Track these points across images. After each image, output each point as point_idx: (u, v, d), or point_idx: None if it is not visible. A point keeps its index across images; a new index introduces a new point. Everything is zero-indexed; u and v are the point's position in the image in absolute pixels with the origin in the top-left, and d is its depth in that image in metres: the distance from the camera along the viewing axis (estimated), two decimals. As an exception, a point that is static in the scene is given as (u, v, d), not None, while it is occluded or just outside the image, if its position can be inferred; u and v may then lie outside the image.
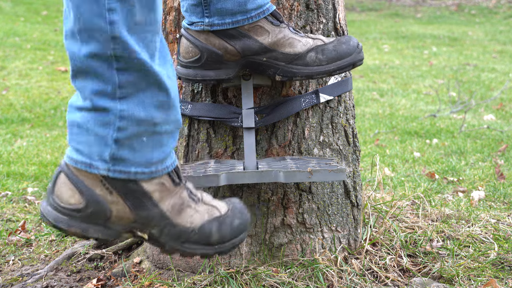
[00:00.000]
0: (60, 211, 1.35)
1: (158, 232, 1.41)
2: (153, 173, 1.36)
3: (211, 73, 1.67)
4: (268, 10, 1.66)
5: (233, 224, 1.46)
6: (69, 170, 1.34)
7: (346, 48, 1.68)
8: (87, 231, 1.36)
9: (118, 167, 1.32)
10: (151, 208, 1.38)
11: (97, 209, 1.35)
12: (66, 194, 1.35)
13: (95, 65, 1.28)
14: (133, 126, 1.31)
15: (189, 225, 1.42)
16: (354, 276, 1.80)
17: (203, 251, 1.44)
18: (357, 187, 1.93)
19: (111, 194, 1.35)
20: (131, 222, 1.39)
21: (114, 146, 1.31)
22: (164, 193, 1.39)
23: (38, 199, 3.04)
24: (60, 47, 8.76)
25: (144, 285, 1.82)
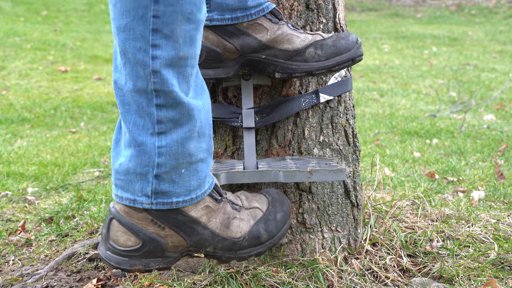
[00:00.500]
0: (120, 254, 1.44)
1: (212, 249, 1.50)
2: (193, 199, 1.43)
3: (210, 72, 1.66)
4: (268, 8, 1.66)
5: (277, 218, 1.57)
6: (120, 215, 1.42)
7: (345, 43, 1.67)
8: (148, 265, 1.45)
9: (160, 199, 1.39)
10: (202, 232, 1.47)
11: (154, 246, 1.44)
12: (122, 238, 1.43)
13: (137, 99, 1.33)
14: (171, 161, 1.37)
15: (239, 235, 1.52)
16: (354, 276, 1.80)
17: (256, 251, 1.55)
18: (357, 187, 1.93)
19: (164, 230, 1.43)
20: (186, 247, 1.47)
21: (155, 181, 1.38)
22: (210, 214, 1.48)
23: (38, 199, 3.05)
24: (60, 47, 8.76)
25: (144, 285, 1.82)
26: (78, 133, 4.90)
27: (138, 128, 1.35)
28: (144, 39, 1.29)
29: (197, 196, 1.44)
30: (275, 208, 1.60)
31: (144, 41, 1.29)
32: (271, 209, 1.59)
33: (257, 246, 1.55)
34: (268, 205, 1.60)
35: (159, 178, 1.37)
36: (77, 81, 6.93)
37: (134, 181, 1.39)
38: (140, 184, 1.38)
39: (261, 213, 1.58)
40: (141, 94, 1.32)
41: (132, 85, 1.32)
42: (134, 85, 1.32)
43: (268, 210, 1.59)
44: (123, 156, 1.39)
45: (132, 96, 1.33)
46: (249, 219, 1.55)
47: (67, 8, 12.62)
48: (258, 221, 1.56)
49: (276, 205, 1.60)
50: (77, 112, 5.63)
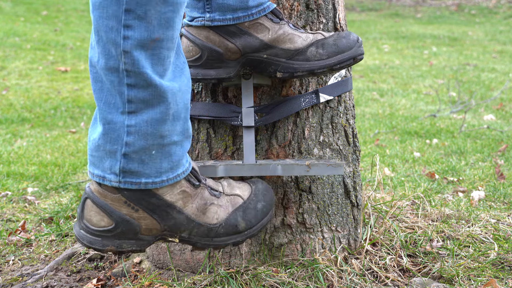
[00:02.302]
0: (93, 234, 1.43)
1: (187, 234, 1.48)
2: (164, 181, 1.40)
3: (211, 72, 1.66)
4: (269, 8, 1.66)
5: (257, 208, 1.54)
6: (94, 195, 1.41)
7: (346, 42, 1.68)
8: (121, 246, 1.44)
9: (129, 179, 1.38)
10: (176, 216, 1.45)
11: (127, 227, 1.42)
12: (95, 218, 1.42)
13: (109, 78, 1.32)
14: (140, 141, 1.35)
15: (215, 221, 1.49)
16: (354, 276, 1.81)
17: (233, 240, 1.52)
18: (357, 187, 1.93)
19: (137, 212, 1.41)
20: (161, 231, 1.45)
21: (123, 160, 1.36)
22: (186, 199, 1.45)
23: (38, 199, 3.04)
24: (60, 47, 8.76)
25: (144, 285, 1.82)
26: (78, 133, 4.90)
27: (109, 106, 1.35)
28: (116, 18, 1.28)
29: (169, 179, 1.41)
30: (257, 197, 1.56)
31: (116, 20, 1.28)
32: (252, 197, 1.55)
33: (234, 235, 1.51)
34: (250, 194, 1.56)
35: (127, 157, 1.36)
36: (77, 81, 6.93)
37: (104, 158, 1.38)
38: (109, 161, 1.37)
39: (241, 201, 1.54)
40: (112, 73, 1.32)
41: (104, 63, 1.32)
42: (106, 63, 1.31)
43: (249, 198, 1.55)
44: (95, 132, 1.38)
45: (104, 74, 1.33)
46: (228, 206, 1.52)
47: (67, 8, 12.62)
48: (236, 209, 1.52)
49: (259, 194, 1.56)
50: (77, 112, 5.63)
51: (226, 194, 1.54)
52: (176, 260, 1.88)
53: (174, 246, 1.88)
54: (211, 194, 1.51)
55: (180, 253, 1.87)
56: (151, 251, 1.94)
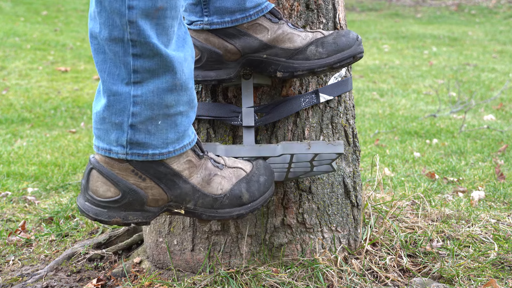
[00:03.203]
0: (99, 205, 1.41)
1: (193, 205, 1.48)
2: (170, 152, 1.41)
3: (211, 73, 1.66)
4: (267, 8, 1.66)
5: (260, 181, 1.55)
6: (100, 165, 1.40)
7: (345, 41, 1.67)
8: (127, 218, 1.42)
9: (136, 150, 1.37)
10: (183, 186, 1.45)
11: (134, 197, 1.41)
12: (101, 188, 1.40)
13: (113, 49, 1.31)
14: (147, 111, 1.35)
15: (220, 192, 1.50)
16: (354, 276, 1.81)
17: (237, 212, 1.53)
18: (357, 187, 1.93)
19: (144, 181, 1.41)
20: (167, 202, 1.45)
21: (130, 131, 1.36)
22: (192, 169, 1.46)
23: (38, 199, 3.05)
24: (60, 47, 8.76)
25: (144, 285, 1.82)
26: (78, 133, 4.90)
27: (113, 78, 1.34)
28: None
29: (175, 150, 1.42)
30: (259, 171, 1.57)
31: None
32: (254, 171, 1.57)
33: (238, 207, 1.53)
34: (252, 168, 1.58)
35: (134, 128, 1.36)
36: (77, 81, 6.93)
37: (110, 130, 1.37)
38: (115, 133, 1.37)
39: (244, 173, 1.56)
40: (117, 43, 1.31)
41: (107, 34, 1.31)
42: (109, 33, 1.31)
43: (251, 171, 1.57)
44: (99, 105, 1.37)
45: (107, 45, 1.32)
46: (231, 177, 1.53)
47: (67, 8, 12.62)
48: (240, 181, 1.54)
49: (261, 168, 1.58)
50: (77, 112, 5.63)
51: (229, 167, 1.55)
52: (176, 260, 1.88)
53: (174, 246, 1.88)
54: (214, 165, 1.52)
55: (180, 253, 1.87)
56: (151, 251, 1.94)
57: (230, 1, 1.62)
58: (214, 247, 1.84)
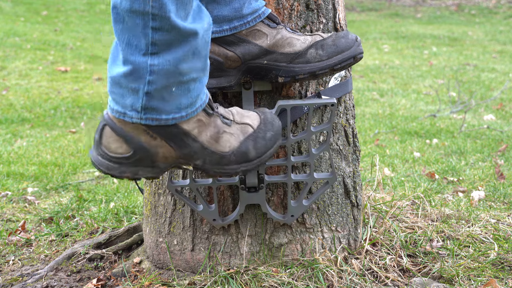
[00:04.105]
0: (111, 160, 1.47)
1: (201, 162, 1.52)
2: (183, 117, 1.45)
3: (212, 81, 1.67)
4: (264, 14, 1.67)
5: (266, 137, 1.58)
6: (113, 122, 1.44)
7: (345, 42, 1.68)
8: (137, 173, 1.49)
9: (150, 115, 1.42)
10: (192, 144, 1.49)
11: (144, 154, 1.46)
12: (114, 145, 1.46)
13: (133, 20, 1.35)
14: (162, 79, 1.39)
15: (227, 149, 1.54)
16: (354, 276, 1.81)
17: (244, 168, 1.56)
18: (357, 187, 1.93)
19: (155, 140, 1.46)
20: (176, 159, 1.51)
21: (145, 98, 1.40)
22: (201, 127, 1.50)
23: (38, 199, 3.05)
24: (60, 47, 8.76)
25: (144, 285, 1.82)
26: (78, 133, 4.90)
27: (131, 48, 1.37)
28: None
29: (187, 114, 1.46)
30: (266, 126, 1.60)
31: None
32: (262, 127, 1.59)
33: (244, 163, 1.56)
34: (259, 123, 1.60)
35: (149, 95, 1.40)
36: (77, 81, 6.93)
37: (126, 96, 1.41)
38: (131, 99, 1.40)
39: (251, 129, 1.58)
40: (137, 16, 1.34)
41: (129, 5, 1.34)
42: (131, 5, 1.34)
43: (258, 127, 1.59)
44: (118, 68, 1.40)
45: (128, 16, 1.35)
46: (239, 134, 1.56)
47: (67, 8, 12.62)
48: (247, 137, 1.57)
49: (267, 124, 1.60)
50: (77, 112, 5.63)
51: (237, 123, 1.58)
52: (176, 260, 1.88)
53: (174, 246, 1.88)
54: (223, 122, 1.55)
55: (180, 253, 1.87)
56: (151, 251, 1.94)
57: (227, 9, 1.63)
58: (214, 247, 1.84)
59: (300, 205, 1.79)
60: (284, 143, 1.73)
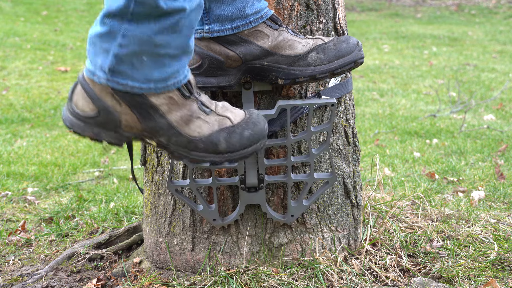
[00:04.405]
0: (76, 117, 1.49)
1: (166, 140, 1.51)
2: (151, 89, 1.45)
3: (212, 80, 1.67)
4: (266, 15, 1.67)
5: (243, 135, 1.55)
6: (84, 80, 1.46)
7: (346, 46, 1.68)
8: (99, 135, 1.50)
9: (116, 78, 1.43)
10: (158, 120, 1.48)
11: (108, 117, 1.47)
12: (81, 102, 1.48)
13: None
14: (133, 45, 1.39)
15: (196, 134, 1.52)
16: (354, 276, 1.81)
17: (211, 158, 1.54)
18: (357, 187, 1.93)
19: (120, 105, 1.46)
20: (140, 131, 1.50)
21: (114, 60, 1.40)
22: (172, 106, 1.49)
23: (38, 199, 3.05)
24: (60, 47, 8.76)
25: (144, 285, 1.82)
26: (78, 133, 4.89)
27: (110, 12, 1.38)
28: None
29: (157, 88, 1.45)
30: (247, 125, 1.57)
31: None
32: (242, 124, 1.57)
33: (212, 153, 1.54)
34: (241, 120, 1.58)
35: (118, 58, 1.40)
36: (77, 81, 6.92)
37: (98, 55, 1.42)
38: (102, 59, 1.42)
39: (229, 124, 1.56)
40: None
41: None
42: None
43: (239, 124, 1.57)
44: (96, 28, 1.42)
45: None
46: (214, 125, 1.54)
47: (67, 8, 12.63)
48: (222, 129, 1.55)
49: (249, 123, 1.58)
50: (77, 112, 5.63)
51: (217, 114, 1.56)
52: (176, 260, 1.88)
53: (174, 246, 1.88)
54: (200, 109, 1.53)
55: (180, 253, 1.87)
56: (151, 251, 1.94)
57: (229, 8, 1.63)
58: (214, 247, 1.84)
59: (300, 205, 1.79)
60: (284, 143, 1.73)
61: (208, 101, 1.57)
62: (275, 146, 1.80)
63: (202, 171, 1.83)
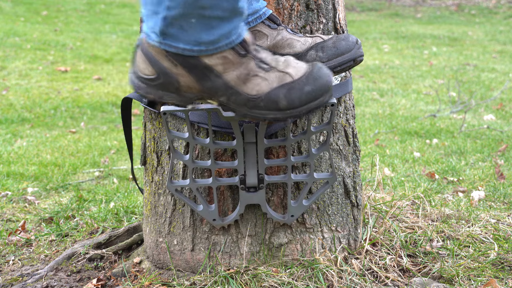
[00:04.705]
0: (140, 80, 1.52)
1: (225, 100, 1.51)
2: (202, 51, 1.44)
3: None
4: (265, 15, 1.67)
5: (303, 90, 1.51)
6: (143, 44, 1.49)
7: (345, 44, 1.68)
8: (162, 97, 1.52)
9: (168, 41, 1.44)
10: (214, 80, 1.48)
11: (166, 80, 1.49)
12: (142, 65, 1.51)
13: None
14: (181, 7, 1.39)
15: (255, 92, 1.50)
16: (354, 276, 1.81)
17: (272, 116, 1.52)
18: (357, 187, 1.93)
19: (176, 67, 1.48)
20: (199, 91, 1.51)
21: (163, 23, 1.42)
22: (227, 65, 1.48)
23: (38, 199, 3.05)
24: (60, 47, 8.76)
25: (144, 285, 1.82)
26: (78, 133, 4.90)
27: None
28: None
29: (208, 50, 1.45)
30: (307, 80, 1.52)
31: None
32: (303, 79, 1.52)
33: (274, 111, 1.52)
34: (302, 75, 1.53)
35: (167, 21, 1.41)
36: (77, 81, 6.93)
37: (150, 17, 1.44)
38: (153, 21, 1.43)
39: (290, 79, 1.52)
40: None
41: None
42: None
43: (299, 79, 1.52)
44: None
45: None
46: (274, 81, 1.51)
47: (67, 8, 12.63)
48: (281, 86, 1.51)
49: (310, 78, 1.52)
50: (77, 112, 5.63)
51: (278, 70, 1.53)
52: (176, 260, 1.88)
53: (174, 246, 1.88)
54: (258, 66, 1.51)
55: (180, 253, 1.87)
56: (151, 251, 1.94)
57: None
58: (214, 247, 1.84)
59: (300, 205, 1.79)
60: (284, 143, 1.73)
61: (270, 57, 1.54)
62: (275, 146, 1.80)
63: (202, 171, 1.83)
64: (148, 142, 1.93)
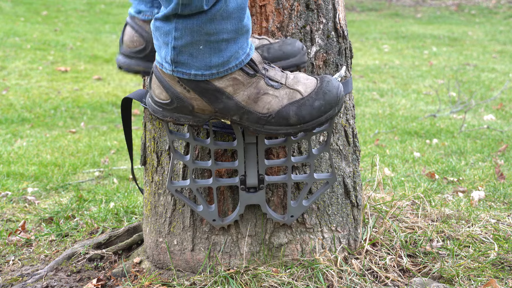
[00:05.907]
0: (156, 104, 1.60)
1: (238, 118, 1.58)
2: (213, 74, 1.51)
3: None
4: None
5: (313, 106, 1.57)
6: (157, 70, 1.57)
7: (291, 49, 1.71)
8: (179, 120, 1.60)
9: (180, 69, 1.52)
10: (226, 101, 1.54)
11: (181, 104, 1.57)
12: (157, 91, 1.59)
13: None
14: (187, 36, 1.46)
15: (265, 111, 1.56)
16: (354, 276, 1.81)
17: (284, 131, 1.59)
18: (357, 187, 1.93)
19: (189, 92, 1.55)
20: (213, 112, 1.58)
21: (173, 52, 1.50)
22: (237, 86, 1.54)
23: (38, 199, 3.04)
24: (60, 47, 8.76)
25: (144, 285, 1.82)
26: (78, 133, 4.90)
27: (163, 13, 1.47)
28: None
29: (219, 72, 1.51)
30: (317, 95, 1.58)
31: None
32: (313, 95, 1.58)
33: (285, 126, 1.58)
34: (312, 91, 1.59)
35: (176, 50, 1.49)
36: (77, 81, 6.93)
37: (161, 48, 1.52)
38: (164, 51, 1.52)
39: (299, 96, 1.58)
40: None
41: None
42: None
43: (309, 95, 1.58)
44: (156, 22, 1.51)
45: None
46: (284, 98, 1.57)
47: (67, 8, 12.62)
48: (291, 103, 1.57)
49: (320, 93, 1.58)
50: (77, 112, 5.63)
51: (288, 87, 1.59)
52: (176, 260, 1.88)
53: (174, 246, 1.88)
54: (268, 84, 1.56)
55: (180, 253, 1.87)
56: (151, 251, 1.94)
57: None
58: (214, 247, 1.84)
59: (300, 205, 1.79)
60: (284, 144, 1.73)
61: (278, 74, 1.59)
62: (275, 146, 1.80)
63: (202, 172, 1.83)
64: (148, 142, 1.93)
